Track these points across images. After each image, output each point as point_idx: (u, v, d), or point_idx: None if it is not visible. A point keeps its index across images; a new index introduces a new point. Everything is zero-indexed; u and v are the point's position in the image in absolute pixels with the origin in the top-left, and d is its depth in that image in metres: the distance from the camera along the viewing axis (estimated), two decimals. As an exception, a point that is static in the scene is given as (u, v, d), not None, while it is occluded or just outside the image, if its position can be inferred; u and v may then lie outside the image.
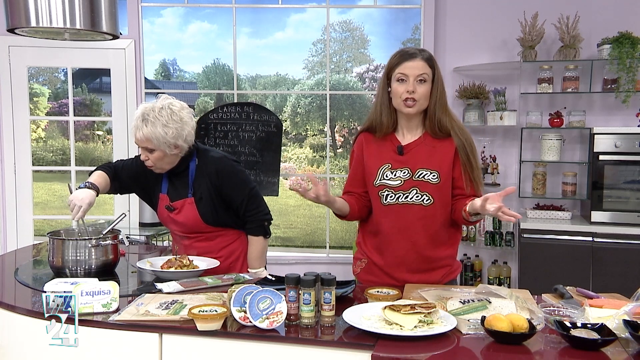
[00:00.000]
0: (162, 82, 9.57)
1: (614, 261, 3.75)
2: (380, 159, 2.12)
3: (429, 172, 2.04)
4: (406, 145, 2.10)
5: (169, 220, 2.41)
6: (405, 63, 2.03)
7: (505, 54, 4.35)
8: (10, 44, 4.51)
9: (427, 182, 2.04)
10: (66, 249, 2.15)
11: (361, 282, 2.22)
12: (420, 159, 2.07)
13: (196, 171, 2.35)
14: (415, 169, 2.06)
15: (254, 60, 7.26)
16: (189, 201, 2.34)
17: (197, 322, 1.58)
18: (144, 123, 2.20)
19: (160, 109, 2.21)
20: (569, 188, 4.17)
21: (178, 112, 2.24)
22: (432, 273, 2.10)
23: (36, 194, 6.15)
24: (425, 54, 2.05)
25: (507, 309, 1.68)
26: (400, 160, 2.09)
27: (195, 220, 2.34)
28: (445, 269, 2.13)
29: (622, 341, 1.49)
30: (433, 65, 2.05)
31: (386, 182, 2.08)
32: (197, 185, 2.34)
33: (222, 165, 2.36)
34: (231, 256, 2.41)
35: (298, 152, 9.18)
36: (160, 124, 2.19)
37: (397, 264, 2.10)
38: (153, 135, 2.19)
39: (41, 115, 7.99)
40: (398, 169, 2.08)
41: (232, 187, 2.34)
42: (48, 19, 2.50)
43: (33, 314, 1.75)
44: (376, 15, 5.41)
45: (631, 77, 3.89)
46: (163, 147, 2.22)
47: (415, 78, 2.01)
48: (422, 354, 1.43)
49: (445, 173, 2.04)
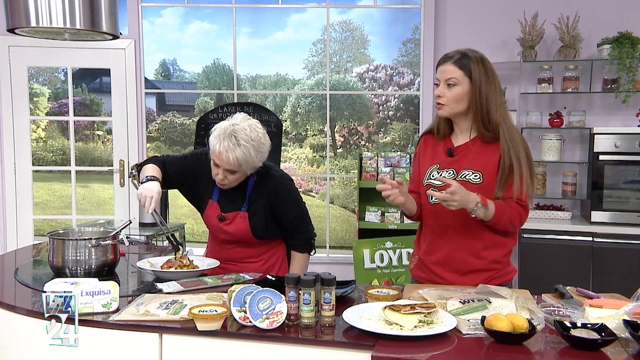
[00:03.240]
0: (162, 82, 9.56)
1: (614, 261, 3.75)
2: (432, 160, 2.15)
3: (472, 173, 2.04)
4: (457, 147, 2.11)
5: (217, 229, 2.38)
6: (439, 67, 2.09)
7: (505, 54, 4.35)
8: (10, 44, 4.51)
9: (468, 182, 2.02)
10: (66, 249, 2.15)
11: (413, 277, 2.23)
12: (467, 161, 2.07)
13: (254, 187, 2.33)
14: (460, 169, 2.06)
15: (254, 60, 7.26)
16: (241, 214, 2.32)
17: (197, 322, 1.58)
18: (235, 146, 2.12)
19: (250, 131, 2.16)
20: (569, 188, 4.16)
21: (262, 133, 2.21)
22: (477, 275, 2.06)
23: (36, 194, 6.16)
24: (459, 58, 2.05)
25: (507, 309, 1.68)
26: (449, 162, 2.10)
27: (245, 234, 2.34)
28: (491, 273, 2.08)
29: (622, 341, 1.49)
30: (467, 68, 2.03)
31: (432, 181, 2.09)
32: (252, 200, 2.32)
33: (282, 185, 2.36)
34: (270, 260, 2.42)
35: (298, 152, 9.17)
36: (254, 147, 2.15)
37: (442, 263, 2.10)
38: (244, 159, 2.14)
39: (41, 115, 7.98)
40: (445, 170, 2.09)
41: (286, 206, 2.35)
42: (48, 19, 2.50)
43: (33, 314, 1.75)
44: (376, 15, 5.41)
45: (631, 77, 3.89)
46: (249, 170, 2.21)
47: (444, 82, 2.04)
48: (422, 354, 1.43)
49: (489, 174, 2.03)
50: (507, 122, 2.06)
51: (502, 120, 2.05)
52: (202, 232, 8.33)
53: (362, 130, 8.81)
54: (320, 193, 8.79)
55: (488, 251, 2.07)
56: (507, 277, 2.12)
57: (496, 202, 1.99)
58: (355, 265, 4.17)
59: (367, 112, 8.57)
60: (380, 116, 8.25)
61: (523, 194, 2.02)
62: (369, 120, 8.58)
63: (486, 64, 2.06)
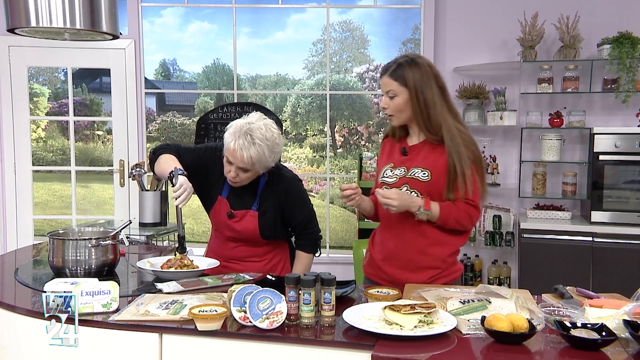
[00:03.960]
0: (162, 82, 9.57)
1: (614, 261, 3.75)
2: (388, 159, 2.22)
3: (421, 171, 2.09)
4: (411, 147, 2.18)
5: (225, 226, 2.38)
6: (380, 80, 2.15)
7: (505, 54, 4.35)
8: (10, 44, 4.51)
9: (417, 180, 2.09)
10: (66, 249, 2.15)
11: (365, 274, 2.29)
12: (418, 159, 2.13)
13: (265, 186, 2.34)
14: (410, 167, 2.12)
15: (254, 60, 7.27)
16: (251, 213, 2.33)
17: (197, 322, 1.58)
18: (249, 145, 2.13)
19: (265, 130, 2.17)
20: (569, 188, 4.16)
21: (277, 133, 2.23)
22: (422, 273, 2.10)
23: (36, 194, 6.15)
24: (394, 69, 2.07)
25: (507, 309, 1.68)
26: (402, 160, 2.16)
27: (253, 232, 2.34)
28: (436, 271, 2.11)
29: (622, 341, 1.49)
30: (402, 78, 2.05)
31: (385, 179, 2.17)
32: (263, 200, 2.33)
33: (292, 186, 2.37)
34: (273, 260, 2.43)
35: (298, 152, 9.17)
36: (267, 148, 2.16)
37: (388, 259, 2.15)
38: (257, 158, 2.15)
39: (41, 115, 7.98)
40: (397, 168, 2.16)
41: (296, 207, 2.37)
42: (48, 19, 2.50)
43: (33, 314, 1.75)
44: (376, 15, 5.41)
45: (631, 77, 3.89)
46: (261, 169, 2.22)
47: (386, 94, 2.11)
48: (422, 354, 1.43)
49: (437, 173, 2.07)
50: (449, 122, 2.07)
51: (444, 122, 2.06)
52: (202, 232, 8.33)
53: (362, 130, 8.81)
54: (320, 193, 8.79)
55: (433, 248, 2.11)
56: (453, 276, 2.16)
57: (442, 204, 2.05)
58: (355, 265, 4.17)
59: (367, 112, 8.57)
60: (380, 116, 8.25)
61: (470, 193, 2.05)
62: (369, 120, 8.58)
63: (421, 66, 2.07)
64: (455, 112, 2.12)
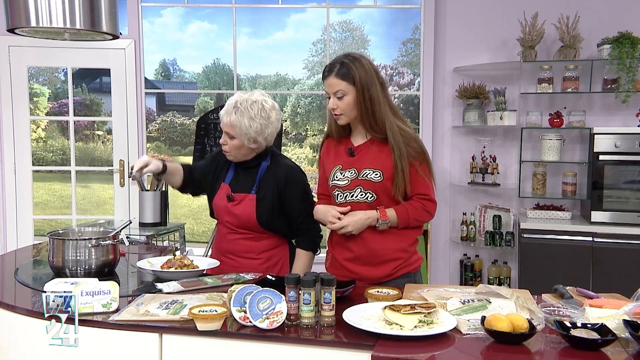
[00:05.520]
0: (162, 82, 9.57)
1: (614, 261, 3.75)
2: (335, 161, 2.23)
3: (373, 172, 2.12)
4: (357, 147, 2.19)
5: (224, 210, 2.42)
6: (324, 81, 2.14)
7: (505, 54, 4.35)
8: (10, 44, 4.51)
9: (369, 181, 2.11)
10: (66, 249, 2.15)
11: None
12: (367, 160, 2.14)
13: (266, 171, 2.39)
14: (361, 169, 2.14)
15: (254, 60, 7.26)
16: (250, 197, 2.37)
17: (197, 322, 1.58)
18: (234, 110, 2.29)
19: (252, 102, 2.29)
20: (569, 188, 4.16)
21: (268, 110, 2.31)
22: (383, 266, 2.14)
23: (36, 194, 6.15)
24: (338, 69, 2.08)
25: (507, 309, 1.68)
26: (350, 162, 2.18)
27: (250, 217, 2.36)
28: (399, 262, 2.15)
29: (622, 341, 1.49)
30: (349, 76, 2.06)
31: (337, 182, 2.18)
32: (263, 185, 2.37)
33: (293, 174, 2.41)
34: (269, 260, 2.42)
35: (298, 152, 9.17)
36: (248, 116, 2.27)
37: (352, 258, 2.18)
38: (237, 124, 2.27)
39: (41, 115, 7.98)
40: (347, 170, 2.17)
41: (295, 198, 2.38)
42: (48, 19, 2.50)
43: (33, 314, 1.75)
44: (376, 15, 5.40)
45: (631, 77, 3.89)
46: (243, 137, 2.30)
47: (334, 95, 2.11)
48: (422, 354, 1.43)
49: (388, 172, 2.10)
50: (390, 119, 2.11)
51: (387, 119, 2.10)
52: (202, 232, 8.34)
53: (362, 130, 8.78)
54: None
55: (393, 242, 2.14)
56: (414, 266, 2.21)
57: (397, 208, 2.10)
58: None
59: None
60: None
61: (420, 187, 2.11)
62: (368, 120, 8.56)
63: (364, 64, 2.09)
64: (395, 109, 2.15)
